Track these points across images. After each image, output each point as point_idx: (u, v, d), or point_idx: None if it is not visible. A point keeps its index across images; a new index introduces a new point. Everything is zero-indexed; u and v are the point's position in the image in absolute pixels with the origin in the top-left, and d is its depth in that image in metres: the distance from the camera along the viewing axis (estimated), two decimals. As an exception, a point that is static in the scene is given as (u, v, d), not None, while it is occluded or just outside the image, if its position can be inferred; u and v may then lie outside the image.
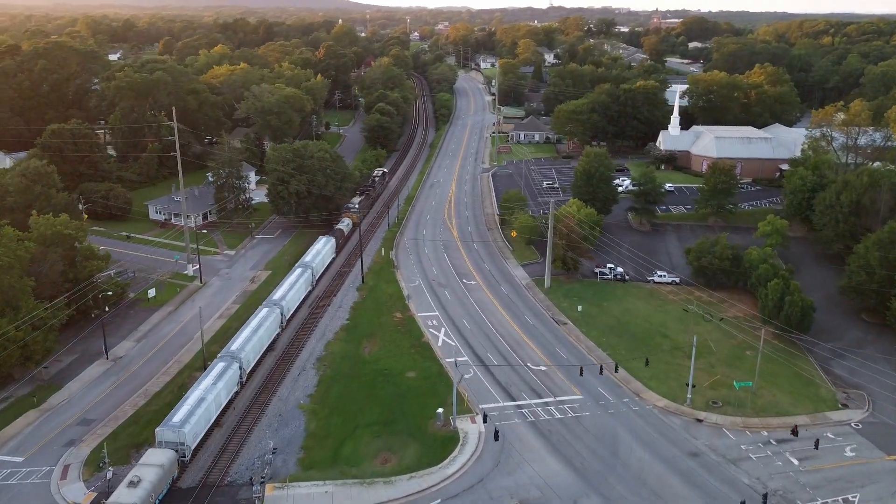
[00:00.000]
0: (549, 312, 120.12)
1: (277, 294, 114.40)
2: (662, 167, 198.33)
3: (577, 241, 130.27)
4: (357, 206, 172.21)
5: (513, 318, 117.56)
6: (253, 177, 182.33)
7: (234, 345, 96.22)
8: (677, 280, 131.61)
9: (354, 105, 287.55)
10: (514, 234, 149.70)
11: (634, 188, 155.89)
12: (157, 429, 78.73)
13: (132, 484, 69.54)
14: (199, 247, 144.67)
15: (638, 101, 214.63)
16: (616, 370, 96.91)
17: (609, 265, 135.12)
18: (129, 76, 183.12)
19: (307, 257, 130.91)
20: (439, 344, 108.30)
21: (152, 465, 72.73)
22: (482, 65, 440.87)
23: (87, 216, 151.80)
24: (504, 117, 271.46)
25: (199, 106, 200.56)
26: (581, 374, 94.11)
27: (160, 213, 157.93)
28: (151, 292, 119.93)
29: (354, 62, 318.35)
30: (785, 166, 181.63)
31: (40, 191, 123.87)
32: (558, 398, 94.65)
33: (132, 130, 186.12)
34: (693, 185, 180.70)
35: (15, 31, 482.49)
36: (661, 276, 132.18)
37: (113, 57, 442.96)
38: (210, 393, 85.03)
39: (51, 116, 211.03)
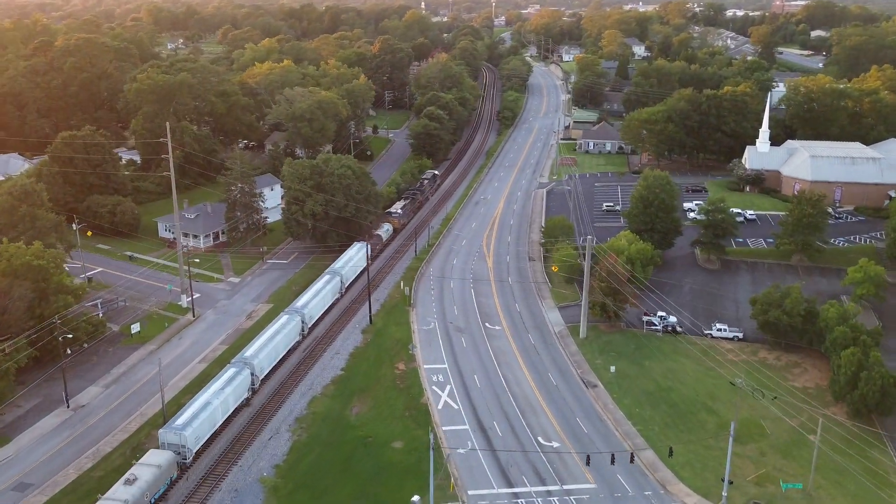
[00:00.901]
0: (579, 370, 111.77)
1: (301, 301, 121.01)
2: (747, 189, 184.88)
3: (621, 284, 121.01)
4: (400, 210, 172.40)
5: (533, 376, 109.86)
6: (279, 190, 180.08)
7: (248, 351, 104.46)
8: (740, 335, 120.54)
9: (410, 105, 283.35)
10: (554, 268, 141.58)
11: (700, 218, 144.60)
12: (160, 430, 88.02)
13: (128, 481, 78.67)
14: (202, 272, 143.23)
15: (723, 109, 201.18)
16: (632, 460, 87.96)
17: (660, 313, 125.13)
18: (151, 78, 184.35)
19: (337, 264, 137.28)
20: (439, 406, 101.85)
21: (150, 464, 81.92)
22: (564, 57, 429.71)
23: (90, 233, 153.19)
24: (574, 122, 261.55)
25: (228, 109, 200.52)
26: (588, 462, 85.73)
27: (169, 230, 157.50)
28: (135, 327, 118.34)
29: (413, 57, 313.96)
30: (894, 193, 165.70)
31: (25, 211, 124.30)
32: (565, 486, 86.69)
33: (154, 137, 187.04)
34: (781, 213, 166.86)
35: (78, 17, 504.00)
36: (720, 329, 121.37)
37: (170, 47, 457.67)
38: (217, 398, 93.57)
39: (79, 119, 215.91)
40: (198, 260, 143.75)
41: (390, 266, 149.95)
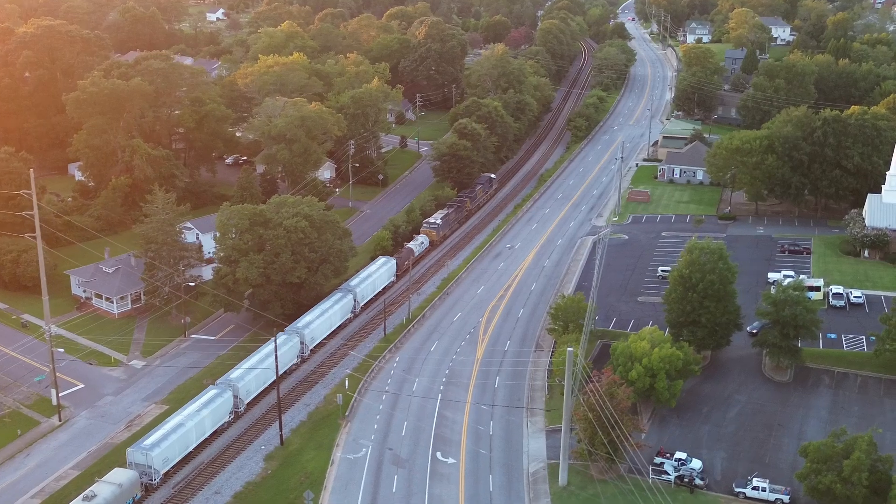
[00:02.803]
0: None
1: (302, 321, 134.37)
2: (865, 254, 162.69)
3: (620, 415, 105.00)
4: (439, 221, 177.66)
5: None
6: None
7: (234, 373, 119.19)
8: (786, 499, 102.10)
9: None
10: (554, 371, 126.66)
11: (766, 309, 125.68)
12: (129, 449, 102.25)
13: (87, 498, 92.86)
14: (100, 350, 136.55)
15: (847, 137, 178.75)
16: None
17: (678, 454, 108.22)
18: (95, 85, 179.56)
19: (353, 280, 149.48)
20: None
21: (111, 483, 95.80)
22: (688, 38, 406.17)
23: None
24: (663, 136, 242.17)
25: (198, 122, 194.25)
26: None
27: (81, 287, 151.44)
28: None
29: (466, 45, 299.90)
30: None
31: None
32: None
33: (101, 156, 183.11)
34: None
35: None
36: (758, 486, 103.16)
37: (211, 19, 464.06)
38: (191, 420, 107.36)
39: (32, 125, 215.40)
40: (67, 343, 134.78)
41: (344, 352, 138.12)
